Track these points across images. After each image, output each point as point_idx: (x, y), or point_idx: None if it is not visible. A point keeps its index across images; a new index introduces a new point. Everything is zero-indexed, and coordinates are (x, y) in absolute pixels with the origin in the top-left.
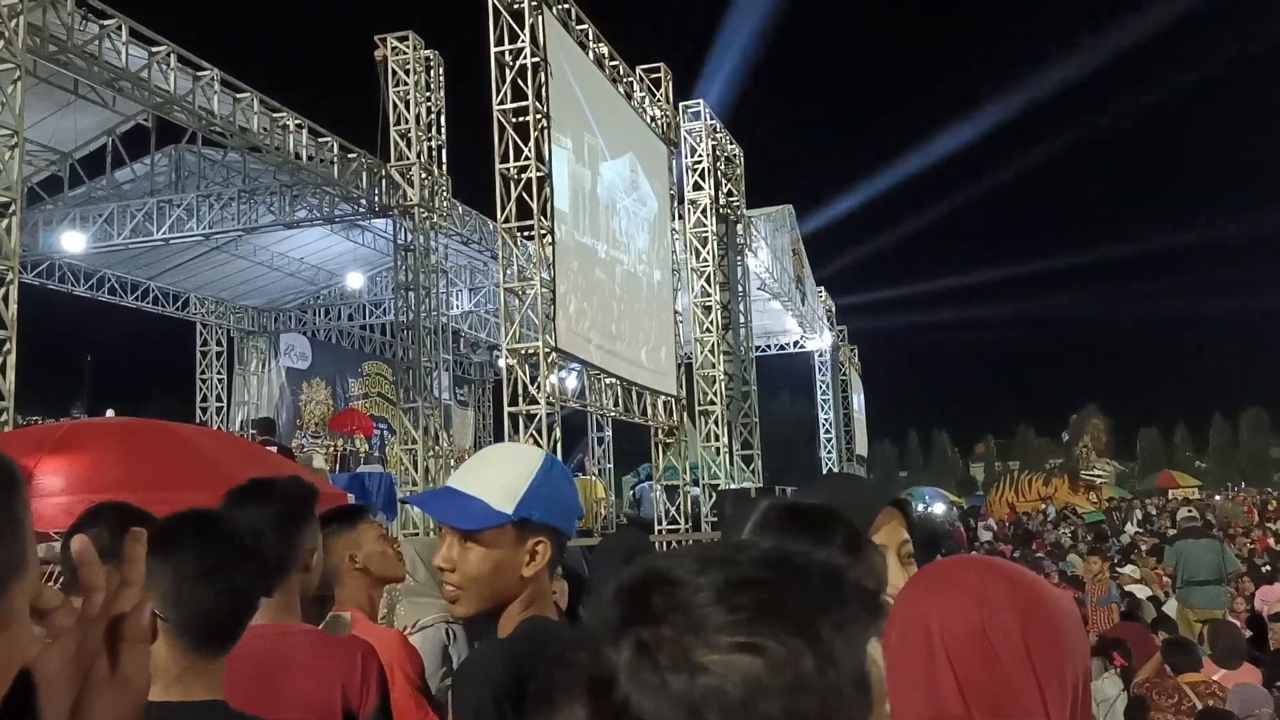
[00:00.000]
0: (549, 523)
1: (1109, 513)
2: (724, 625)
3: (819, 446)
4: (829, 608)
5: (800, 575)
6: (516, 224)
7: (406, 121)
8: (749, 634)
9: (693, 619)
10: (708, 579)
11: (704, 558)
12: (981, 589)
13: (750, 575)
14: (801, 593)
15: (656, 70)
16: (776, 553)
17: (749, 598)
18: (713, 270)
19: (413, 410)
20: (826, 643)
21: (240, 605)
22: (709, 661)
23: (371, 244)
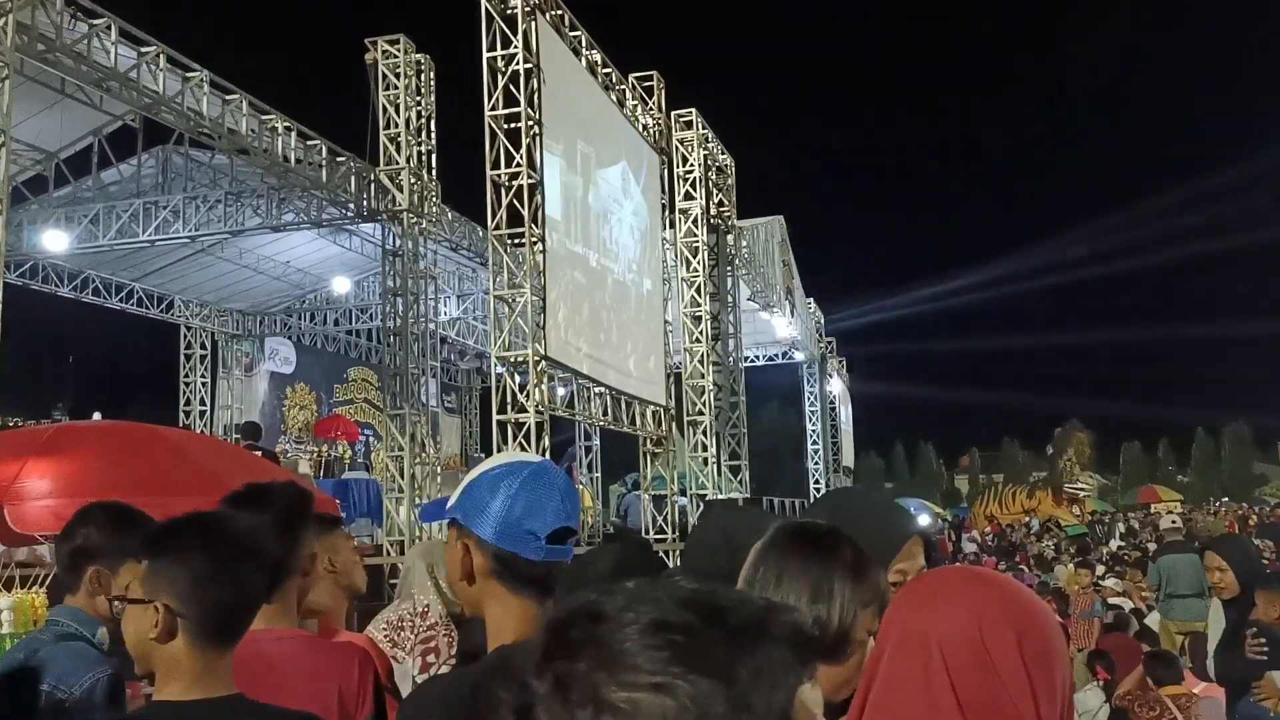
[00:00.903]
0: (468, 526)
1: (1091, 526)
2: (638, 664)
3: (806, 458)
4: (750, 651)
5: (724, 618)
6: (507, 231)
7: (396, 126)
8: (662, 674)
9: (608, 656)
10: (632, 616)
11: (633, 595)
12: (977, 599)
13: (672, 616)
14: (723, 635)
15: (649, 78)
16: (704, 594)
17: (667, 638)
18: (703, 280)
19: (399, 417)
20: (743, 686)
21: (248, 601)
22: (617, 699)
23: (359, 249)
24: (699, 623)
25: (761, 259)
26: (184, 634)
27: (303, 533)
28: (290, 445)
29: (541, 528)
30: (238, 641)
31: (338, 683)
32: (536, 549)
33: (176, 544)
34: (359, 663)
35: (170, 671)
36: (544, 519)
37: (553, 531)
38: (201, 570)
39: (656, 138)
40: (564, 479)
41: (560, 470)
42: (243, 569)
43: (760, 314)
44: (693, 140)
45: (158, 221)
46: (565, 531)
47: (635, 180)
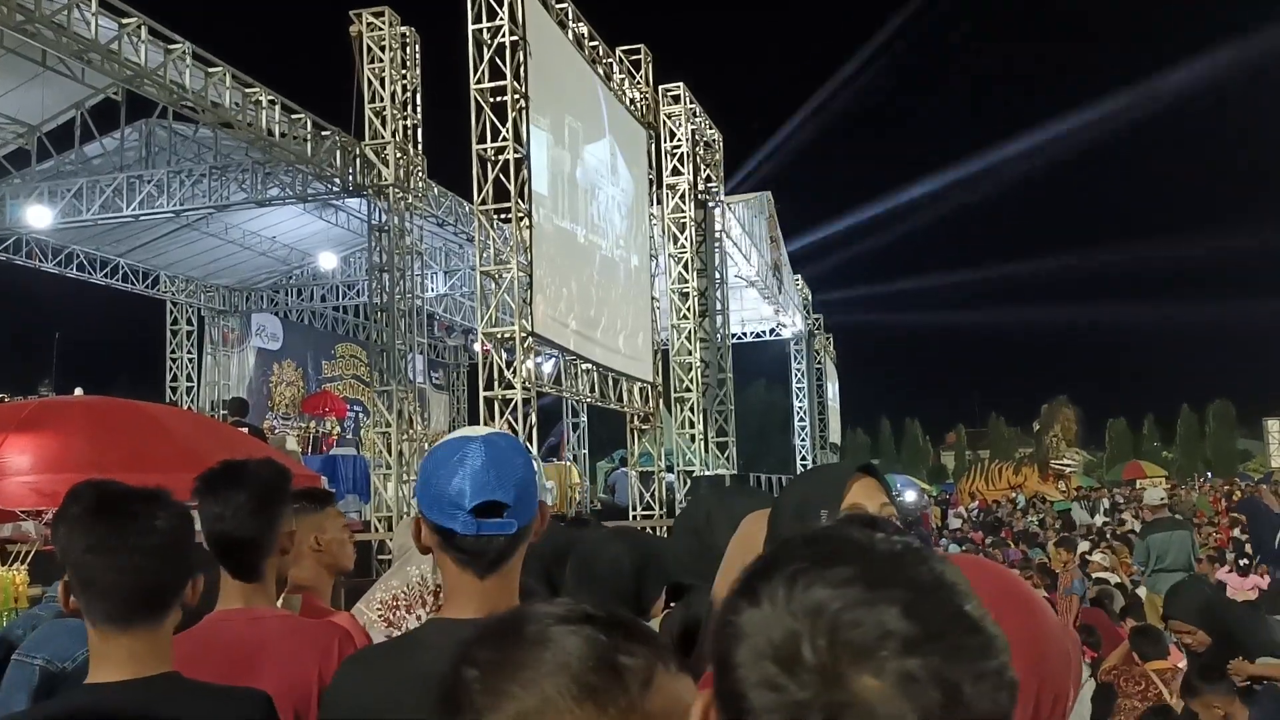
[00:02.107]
0: (417, 499)
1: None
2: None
3: (793, 434)
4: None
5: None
6: (493, 206)
7: (381, 99)
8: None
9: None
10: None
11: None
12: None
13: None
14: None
15: (637, 52)
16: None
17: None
18: (690, 256)
19: (387, 393)
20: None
21: (149, 583)
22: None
23: (345, 224)
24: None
25: (749, 235)
26: (86, 616)
27: (278, 512)
28: (277, 422)
29: (466, 500)
30: (157, 622)
31: (317, 663)
32: (464, 523)
33: (65, 520)
34: (339, 642)
35: (96, 654)
36: (466, 491)
37: (479, 505)
38: (82, 550)
39: (644, 112)
40: (500, 451)
41: (503, 444)
42: (137, 549)
43: (748, 290)
44: (680, 115)
45: (141, 196)
46: (493, 505)
47: (622, 155)
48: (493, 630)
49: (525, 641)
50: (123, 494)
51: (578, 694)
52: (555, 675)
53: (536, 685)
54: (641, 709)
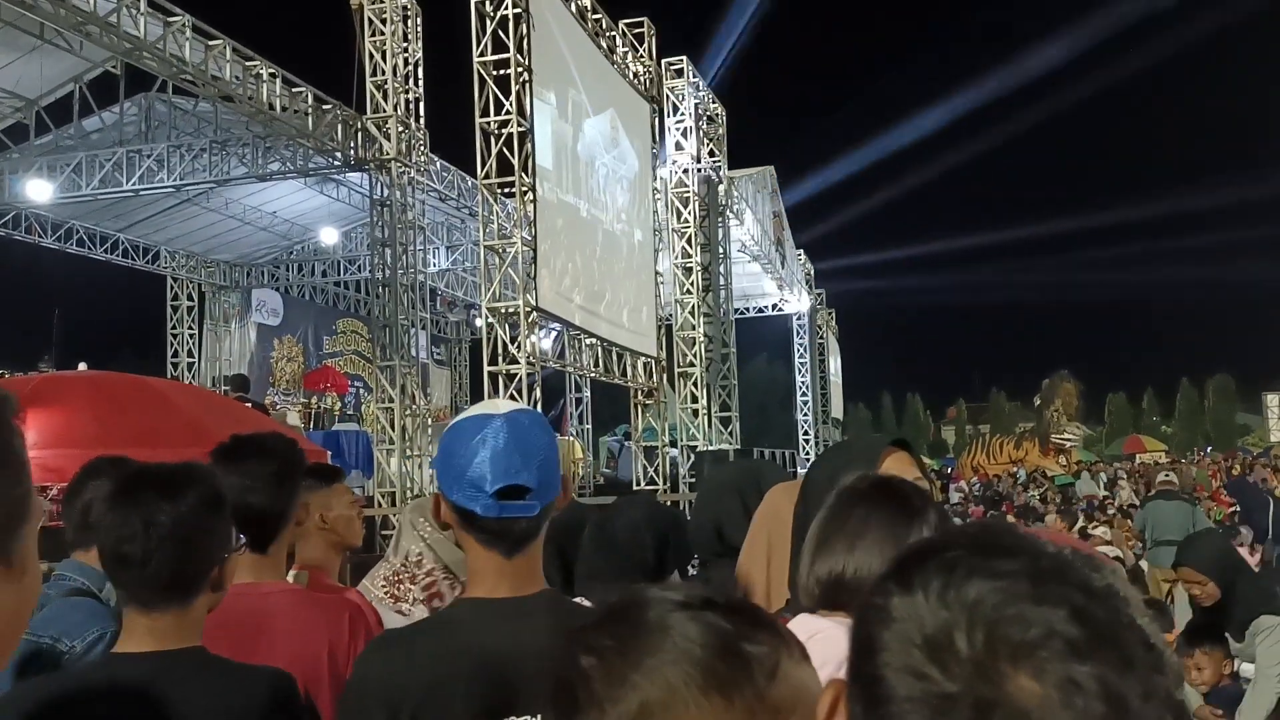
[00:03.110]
0: (437, 476)
1: (1077, 474)
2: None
3: (795, 409)
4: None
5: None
6: (497, 180)
7: (383, 73)
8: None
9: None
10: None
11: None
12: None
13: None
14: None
15: (640, 25)
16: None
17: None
18: (694, 231)
19: (389, 369)
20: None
21: (179, 563)
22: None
23: (346, 199)
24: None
25: (752, 210)
26: (118, 594)
27: (298, 483)
28: (279, 397)
29: (487, 484)
30: (187, 601)
31: (328, 637)
32: (486, 505)
33: (100, 502)
34: (350, 616)
35: (126, 627)
36: (488, 475)
37: (502, 488)
38: (115, 533)
39: (647, 86)
40: (523, 431)
41: (525, 422)
42: (169, 531)
43: (751, 265)
44: (683, 89)
45: (141, 171)
46: (515, 489)
47: (625, 129)
48: (609, 616)
49: (646, 628)
50: (163, 473)
51: (703, 683)
52: (680, 663)
53: (660, 674)
54: (768, 699)
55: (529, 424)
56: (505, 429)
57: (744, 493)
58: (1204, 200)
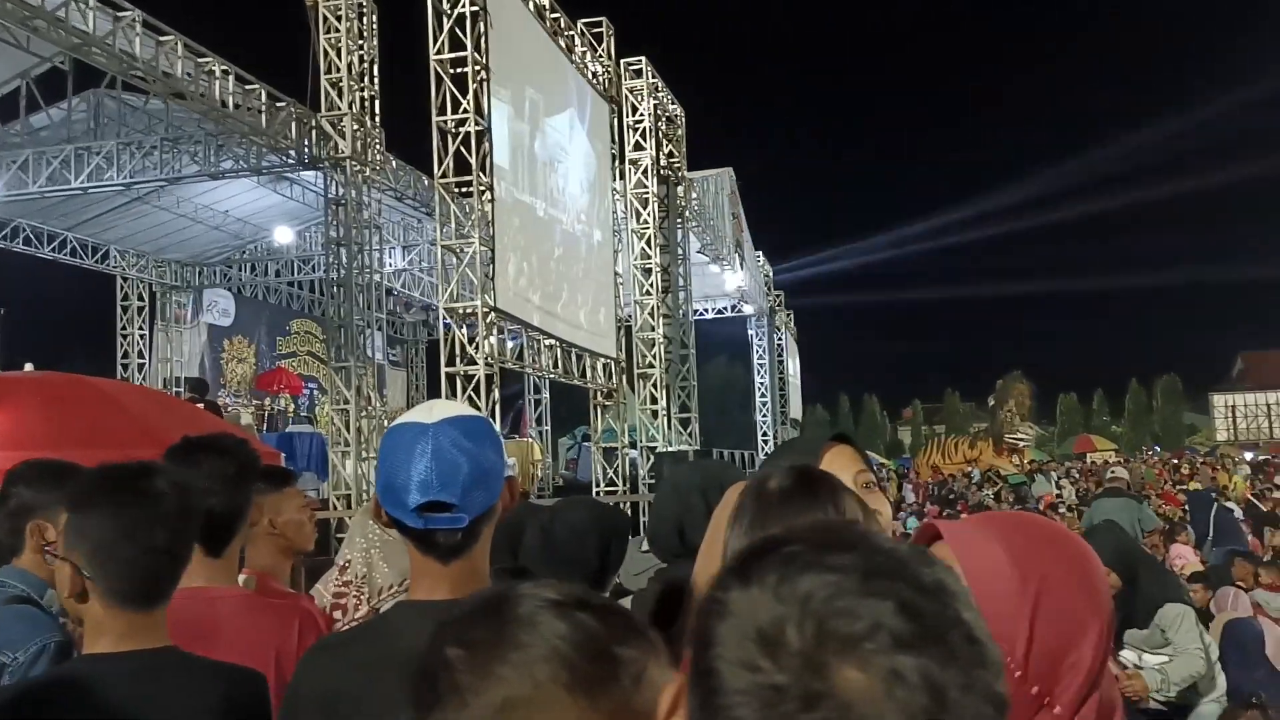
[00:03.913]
0: (377, 485)
1: (1031, 475)
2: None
3: (754, 410)
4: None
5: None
6: (454, 179)
7: (338, 70)
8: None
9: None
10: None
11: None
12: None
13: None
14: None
15: (598, 24)
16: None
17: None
18: (653, 232)
19: (344, 370)
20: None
21: (167, 561)
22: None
23: (300, 197)
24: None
25: (711, 211)
26: (96, 596)
27: (253, 484)
28: (230, 399)
29: (409, 499)
30: (164, 600)
31: (275, 644)
32: (411, 518)
33: (87, 500)
34: (300, 622)
35: (94, 629)
36: (411, 489)
37: (425, 503)
38: (110, 530)
39: (606, 86)
40: (450, 443)
41: (454, 433)
42: (160, 528)
43: (710, 267)
44: (642, 89)
45: (90, 168)
46: (436, 505)
47: (583, 129)
48: (480, 609)
49: (516, 623)
50: (139, 471)
51: (570, 682)
52: (548, 661)
53: (527, 669)
54: (633, 704)
55: (454, 439)
56: (431, 441)
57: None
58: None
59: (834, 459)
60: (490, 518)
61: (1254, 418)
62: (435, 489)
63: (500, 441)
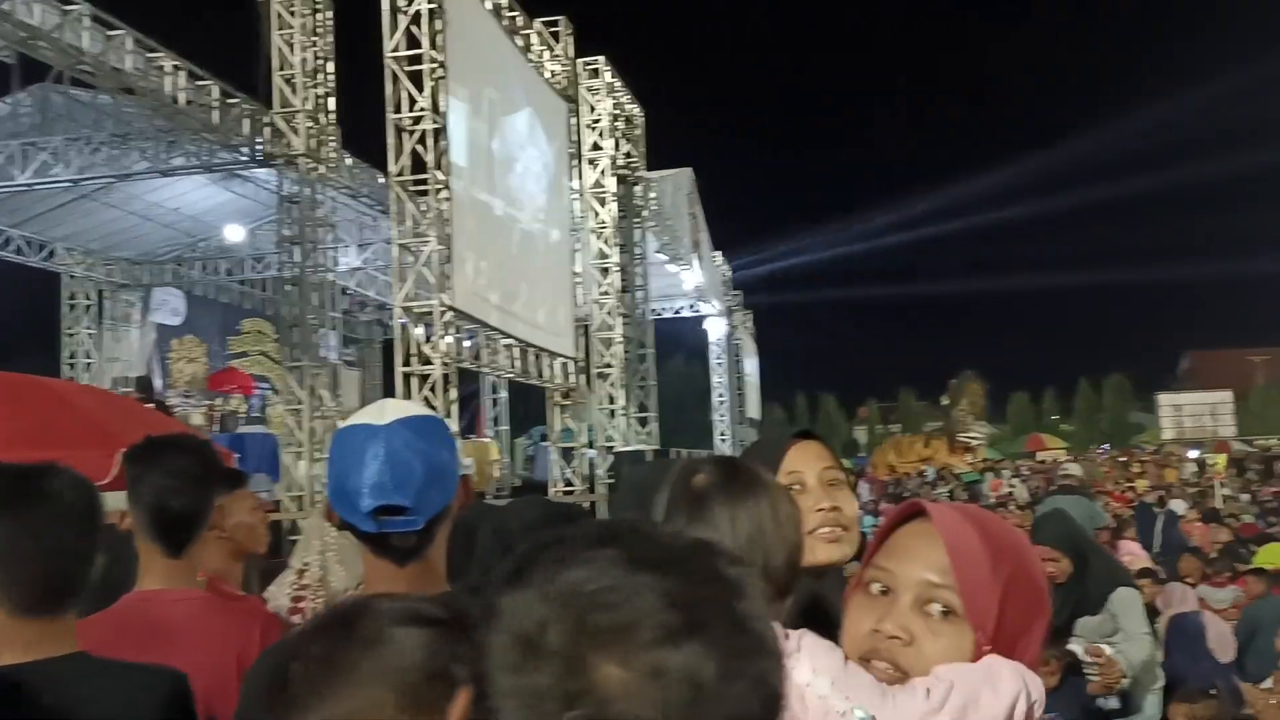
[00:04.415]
0: (328, 488)
1: (984, 472)
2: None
3: (712, 410)
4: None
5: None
6: (410, 177)
7: (291, 67)
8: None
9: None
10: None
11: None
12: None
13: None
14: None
15: (555, 23)
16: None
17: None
18: (611, 232)
19: (298, 370)
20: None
21: (72, 562)
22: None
23: (253, 195)
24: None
25: (670, 211)
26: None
27: (214, 488)
28: (179, 399)
29: (362, 503)
30: (73, 604)
31: (236, 646)
32: (364, 522)
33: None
34: (262, 626)
35: (0, 639)
36: (364, 493)
37: (378, 507)
38: (7, 535)
39: (564, 85)
40: (402, 446)
41: (406, 435)
42: (62, 528)
43: (668, 266)
44: (601, 88)
45: (36, 164)
46: (391, 509)
47: (541, 128)
48: (326, 624)
49: (359, 640)
50: (29, 473)
51: (401, 703)
52: (384, 680)
53: (362, 689)
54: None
55: (407, 440)
56: (383, 444)
57: None
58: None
59: (799, 455)
60: (445, 518)
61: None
62: (389, 492)
63: (454, 439)
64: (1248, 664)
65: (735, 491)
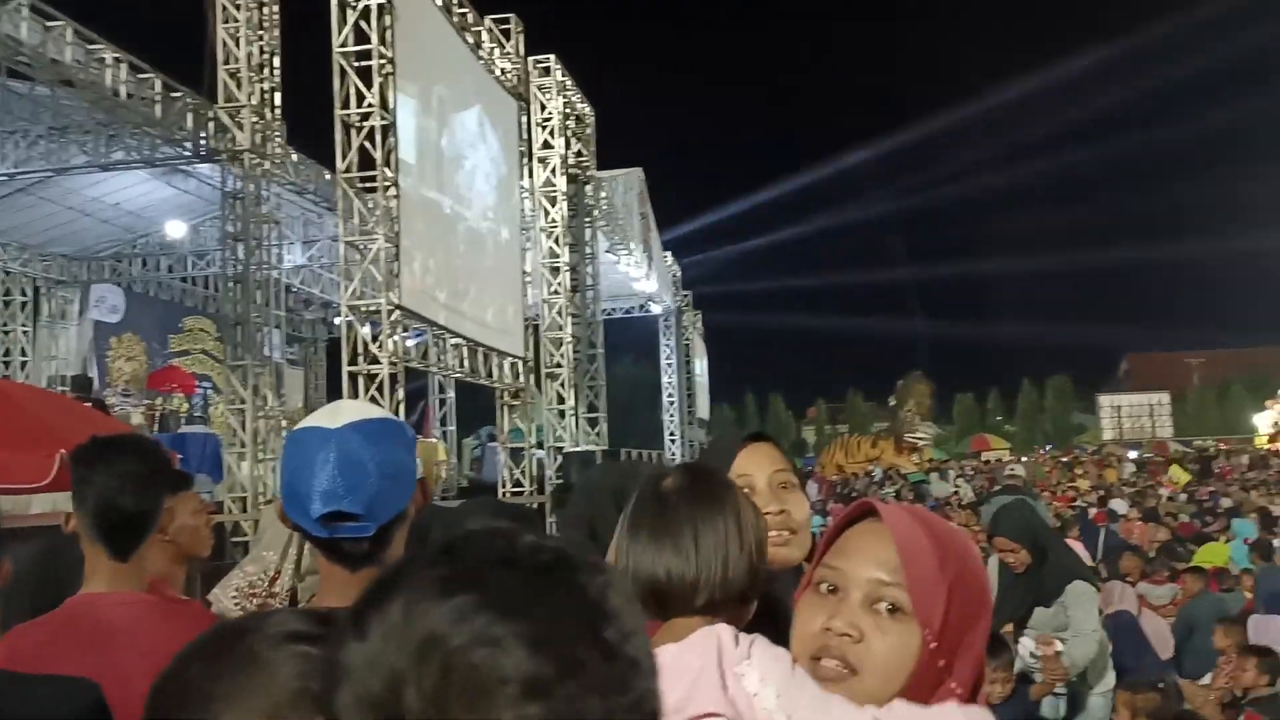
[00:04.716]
0: (280, 491)
1: (930, 473)
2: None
3: (661, 410)
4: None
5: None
6: (358, 174)
7: (236, 61)
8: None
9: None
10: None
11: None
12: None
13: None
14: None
15: (506, 21)
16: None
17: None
18: (561, 231)
19: (241, 369)
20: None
21: None
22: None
23: (196, 191)
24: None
25: (620, 211)
26: None
27: (164, 489)
28: (117, 398)
29: (312, 508)
30: None
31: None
32: (314, 527)
33: None
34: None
35: None
36: (314, 498)
37: (327, 513)
38: None
39: (514, 83)
40: (354, 451)
41: (358, 439)
42: None
43: (618, 266)
44: (551, 87)
45: None
46: (339, 515)
47: (491, 125)
48: (209, 642)
49: (240, 659)
50: None
51: (309, 708)
52: (263, 699)
53: (240, 708)
54: None
55: (362, 440)
56: (335, 448)
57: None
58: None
59: (749, 458)
60: (401, 521)
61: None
62: (339, 498)
63: (411, 441)
64: (1185, 661)
65: (701, 500)
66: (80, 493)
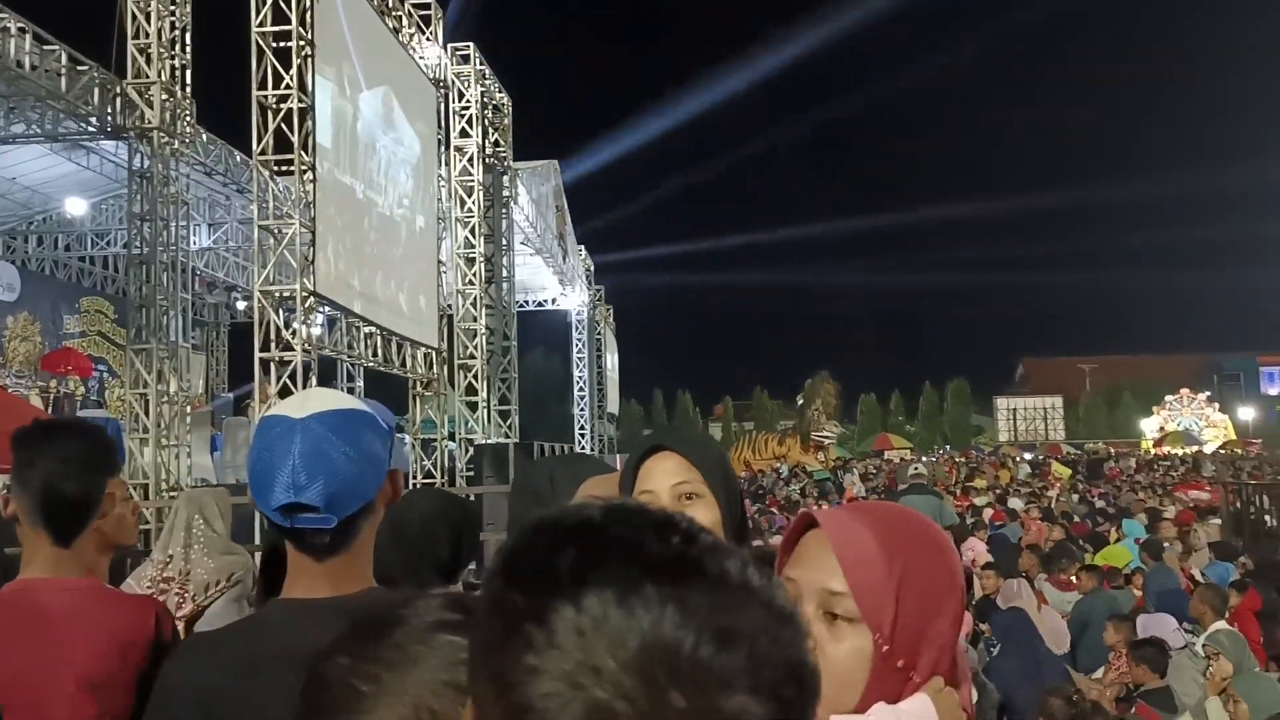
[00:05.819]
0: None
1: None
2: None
3: (572, 404)
4: None
5: None
6: (274, 157)
7: (147, 36)
8: None
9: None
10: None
11: None
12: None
13: None
14: None
15: (427, 7)
16: None
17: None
18: (478, 221)
19: (145, 352)
20: None
21: None
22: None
23: (98, 168)
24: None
25: (536, 202)
26: None
27: (107, 475)
28: (11, 379)
29: (273, 498)
30: None
31: (123, 639)
32: (277, 517)
33: None
34: (157, 616)
35: None
36: (274, 489)
37: (285, 505)
38: None
39: (434, 70)
40: (318, 442)
41: (322, 430)
42: None
43: (532, 258)
44: (470, 75)
45: None
46: (300, 506)
47: (405, 110)
48: (354, 633)
49: (384, 652)
50: None
51: (456, 703)
52: (405, 691)
53: (383, 700)
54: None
55: (327, 430)
56: (299, 439)
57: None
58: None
59: (651, 471)
60: (369, 513)
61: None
62: (299, 490)
63: (384, 432)
64: (1080, 656)
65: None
66: (22, 476)
